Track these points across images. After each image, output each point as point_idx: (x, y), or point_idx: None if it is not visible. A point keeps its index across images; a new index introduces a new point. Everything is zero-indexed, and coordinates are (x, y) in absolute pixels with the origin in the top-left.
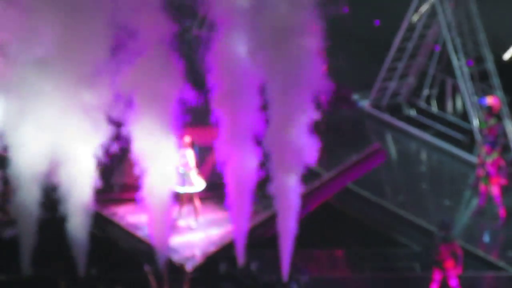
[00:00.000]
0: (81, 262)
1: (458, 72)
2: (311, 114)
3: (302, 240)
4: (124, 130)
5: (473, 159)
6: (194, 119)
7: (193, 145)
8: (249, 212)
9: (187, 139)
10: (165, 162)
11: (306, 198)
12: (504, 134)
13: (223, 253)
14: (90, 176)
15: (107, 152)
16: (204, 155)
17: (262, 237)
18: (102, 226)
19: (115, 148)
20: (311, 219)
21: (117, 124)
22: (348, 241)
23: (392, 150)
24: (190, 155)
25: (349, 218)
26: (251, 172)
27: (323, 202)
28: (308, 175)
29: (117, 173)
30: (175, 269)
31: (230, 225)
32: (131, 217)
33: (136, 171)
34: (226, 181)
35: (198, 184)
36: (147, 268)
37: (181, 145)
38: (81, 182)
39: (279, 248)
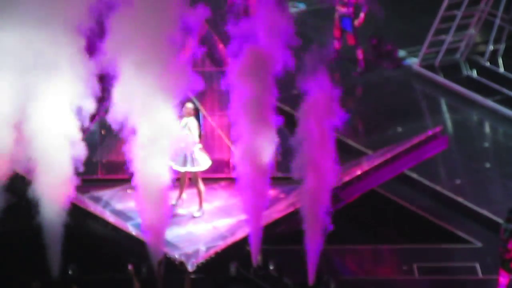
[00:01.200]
0: (55, 261)
1: None
2: None
3: (337, 234)
4: (110, 93)
5: None
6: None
7: (198, 113)
8: (266, 199)
9: (190, 105)
10: (163, 134)
11: (344, 188)
12: None
13: (233, 250)
14: (66, 152)
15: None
16: (211, 125)
17: (285, 232)
18: (81, 217)
19: (99, 116)
20: (348, 207)
21: (101, 83)
22: (393, 235)
23: (447, 120)
24: (193, 126)
25: (394, 206)
26: (270, 144)
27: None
28: (345, 152)
29: (101, 149)
30: (173, 268)
31: (243, 215)
32: (118, 203)
33: (125, 145)
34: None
35: (203, 162)
36: (130, 267)
37: (182, 113)
38: (55, 159)
39: (304, 244)
